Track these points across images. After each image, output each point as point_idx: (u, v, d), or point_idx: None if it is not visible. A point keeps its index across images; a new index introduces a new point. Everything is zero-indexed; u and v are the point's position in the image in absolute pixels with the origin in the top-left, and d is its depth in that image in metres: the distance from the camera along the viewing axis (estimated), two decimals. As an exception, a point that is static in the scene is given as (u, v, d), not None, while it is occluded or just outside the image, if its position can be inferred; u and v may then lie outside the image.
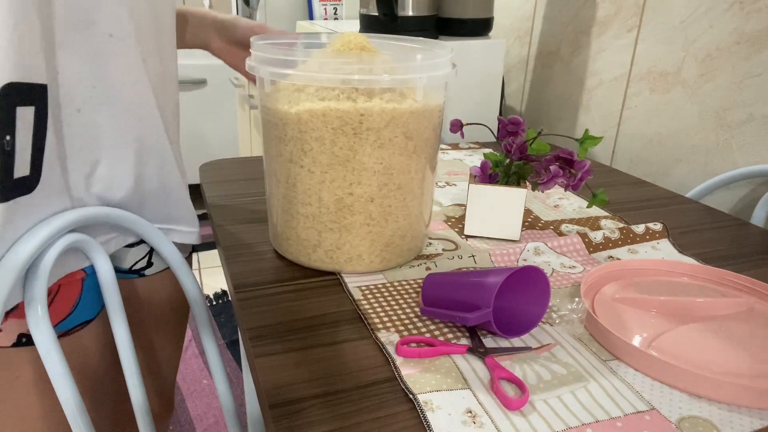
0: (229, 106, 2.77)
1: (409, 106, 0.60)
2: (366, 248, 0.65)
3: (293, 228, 0.66)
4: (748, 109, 0.94)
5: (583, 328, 0.58)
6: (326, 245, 0.65)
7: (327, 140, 0.60)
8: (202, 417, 1.57)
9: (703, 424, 0.46)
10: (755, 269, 0.73)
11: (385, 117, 0.59)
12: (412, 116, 0.61)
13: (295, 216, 0.65)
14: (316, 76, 0.58)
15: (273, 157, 0.65)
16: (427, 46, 0.70)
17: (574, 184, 0.80)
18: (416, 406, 0.46)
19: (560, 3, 1.36)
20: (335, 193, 0.62)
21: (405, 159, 0.62)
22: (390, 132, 0.60)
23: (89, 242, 0.61)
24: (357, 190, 0.62)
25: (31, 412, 0.64)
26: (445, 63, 0.63)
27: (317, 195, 0.63)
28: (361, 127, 0.59)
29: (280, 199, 0.66)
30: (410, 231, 0.67)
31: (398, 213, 0.65)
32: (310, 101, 0.59)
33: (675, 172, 1.09)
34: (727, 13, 0.96)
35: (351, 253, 0.65)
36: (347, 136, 0.59)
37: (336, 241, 0.65)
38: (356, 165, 0.61)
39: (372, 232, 0.64)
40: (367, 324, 0.57)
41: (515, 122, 0.83)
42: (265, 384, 0.48)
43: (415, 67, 0.59)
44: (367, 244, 0.65)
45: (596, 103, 1.27)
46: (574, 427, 0.45)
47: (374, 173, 0.61)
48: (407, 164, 0.63)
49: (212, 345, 0.79)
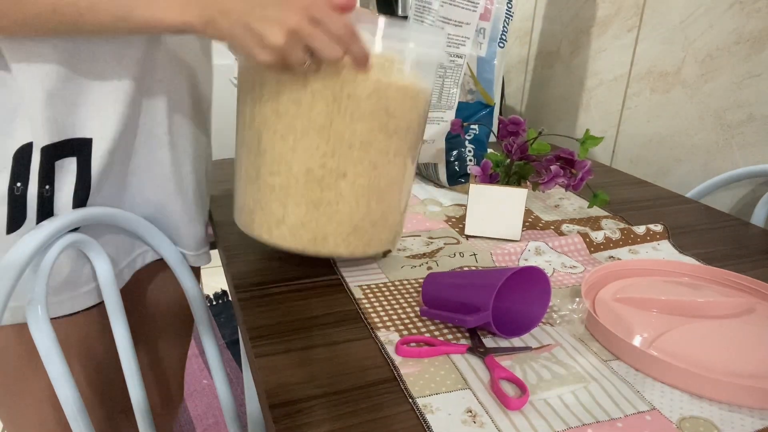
0: (229, 106, 2.77)
1: (396, 80, 0.58)
2: (332, 229, 0.61)
3: (258, 201, 0.62)
4: (748, 109, 0.94)
5: (584, 328, 0.58)
6: (291, 221, 0.61)
7: (304, 103, 0.56)
8: (202, 417, 1.57)
9: (704, 424, 0.46)
10: (755, 269, 0.73)
11: (368, 86, 0.56)
12: (397, 92, 0.58)
13: (262, 187, 0.61)
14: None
15: (246, 125, 0.62)
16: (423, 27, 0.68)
17: (575, 184, 0.80)
18: (415, 409, 0.46)
19: (560, 3, 1.36)
20: (306, 164, 0.58)
21: (384, 138, 0.59)
22: (371, 104, 0.57)
23: (89, 242, 0.61)
24: (329, 162, 0.58)
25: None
26: (437, 43, 0.61)
27: (288, 164, 0.59)
28: (341, 93, 0.56)
29: (248, 169, 0.62)
30: (381, 219, 0.64)
31: (370, 195, 0.61)
32: None
33: (675, 172, 1.09)
34: (727, 13, 0.96)
35: (316, 232, 0.61)
36: (326, 100, 0.56)
37: (301, 217, 0.60)
38: (332, 134, 0.57)
39: (340, 212, 0.60)
40: (367, 323, 0.57)
41: (516, 122, 0.83)
42: (265, 384, 0.48)
43: (406, 36, 0.57)
44: (333, 225, 0.61)
45: (596, 103, 1.27)
46: (574, 427, 0.45)
47: (349, 146, 0.58)
48: (386, 144, 0.60)
49: (212, 345, 0.79)
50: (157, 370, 0.84)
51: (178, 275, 0.73)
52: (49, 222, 0.56)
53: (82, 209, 0.59)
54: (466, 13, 0.90)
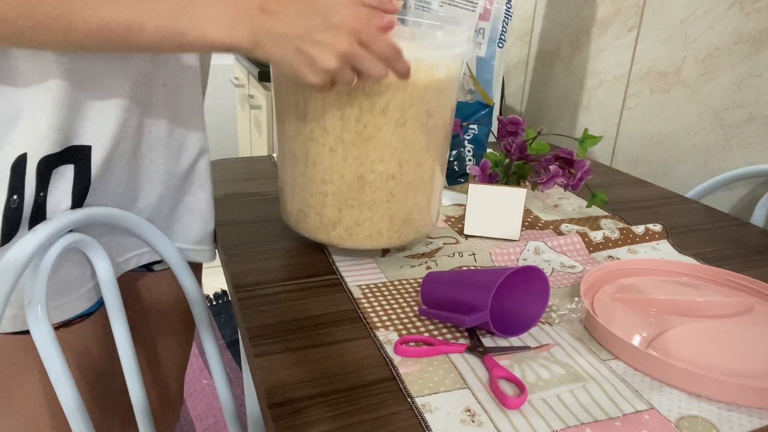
0: (229, 106, 2.77)
1: (434, 82, 0.60)
2: (386, 225, 0.66)
3: (312, 206, 0.66)
4: (748, 109, 0.94)
5: (583, 328, 0.58)
6: (346, 222, 0.65)
7: (352, 118, 0.59)
8: (202, 417, 1.57)
9: (702, 423, 0.46)
10: (755, 269, 0.73)
11: (411, 95, 0.59)
12: (436, 93, 0.61)
13: (315, 194, 0.65)
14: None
15: (290, 137, 0.64)
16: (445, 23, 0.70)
17: (574, 184, 0.80)
18: (414, 409, 0.46)
19: (560, 3, 1.36)
20: (357, 171, 0.62)
21: (425, 136, 0.63)
22: (414, 110, 0.60)
23: (89, 242, 0.61)
24: (379, 167, 0.62)
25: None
26: (464, 41, 0.63)
27: (339, 173, 0.62)
28: (387, 105, 0.59)
29: (297, 178, 0.66)
30: (426, 206, 0.68)
31: (417, 190, 0.65)
32: None
33: (675, 172, 1.09)
34: (727, 13, 0.96)
35: (371, 230, 0.65)
36: (372, 114, 0.59)
37: (356, 218, 0.65)
38: (379, 142, 0.61)
39: (392, 209, 0.65)
40: (366, 323, 0.57)
41: (515, 122, 0.83)
42: (265, 384, 0.48)
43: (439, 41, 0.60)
44: (387, 221, 0.65)
45: (596, 103, 1.27)
46: (573, 426, 0.45)
47: (395, 150, 0.62)
48: (427, 141, 0.63)
49: (212, 345, 0.79)
50: (156, 374, 0.84)
51: (178, 275, 0.73)
52: (48, 222, 0.56)
53: (82, 209, 0.59)
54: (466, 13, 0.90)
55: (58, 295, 0.61)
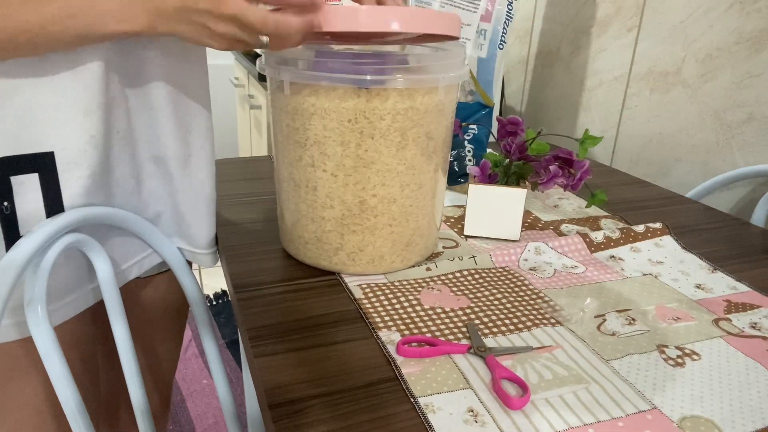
0: (229, 106, 2.77)
1: (433, 105, 0.60)
2: (388, 249, 0.65)
3: (312, 232, 0.65)
4: (748, 109, 0.94)
5: (584, 329, 0.58)
6: (349, 247, 0.64)
7: (352, 143, 0.59)
8: (202, 417, 1.57)
9: (705, 423, 0.46)
10: (755, 269, 0.73)
11: (412, 118, 0.59)
12: (435, 115, 0.61)
13: (316, 220, 0.64)
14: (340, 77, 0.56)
15: (290, 163, 0.64)
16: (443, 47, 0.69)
17: (573, 184, 0.80)
18: (417, 409, 0.46)
19: (560, 3, 1.36)
20: (359, 196, 0.62)
21: (426, 159, 0.63)
22: (414, 133, 0.60)
23: (89, 242, 0.61)
24: (381, 191, 0.62)
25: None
26: (461, 63, 0.63)
27: (340, 198, 0.62)
28: (388, 129, 0.59)
29: (298, 204, 0.65)
30: (428, 229, 0.68)
31: (418, 212, 0.65)
32: (332, 102, 0.57)
33: (675, 172, 1.09)
34: (727, 13, 0.96)
35: (373, 254, 0.65)
36: (373, 138, 0.59)
37: (359, 243, 0.64)
38: (381, 167, 0.60)
39: (394, 233, 0.64)
40: (368, 323, 0.57)
41: (514, 122, 0.83)
42: (265, 384, 0.48)
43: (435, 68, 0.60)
44: (389, 245, 0.65)
45: (596, 103, 1.27)
46: (575, 426, 0.45)
47: (397, 174, 0.61)
48: (428, 163, 0.63)
49: (212, 345, 0.79)
50: (152, 369, 0.84)
51: (178, 275, 0.73)
52: (48, 222, 0.55)
53: (82, 209, 0.59)
54: (467, 14, 0.90)
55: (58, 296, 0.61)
